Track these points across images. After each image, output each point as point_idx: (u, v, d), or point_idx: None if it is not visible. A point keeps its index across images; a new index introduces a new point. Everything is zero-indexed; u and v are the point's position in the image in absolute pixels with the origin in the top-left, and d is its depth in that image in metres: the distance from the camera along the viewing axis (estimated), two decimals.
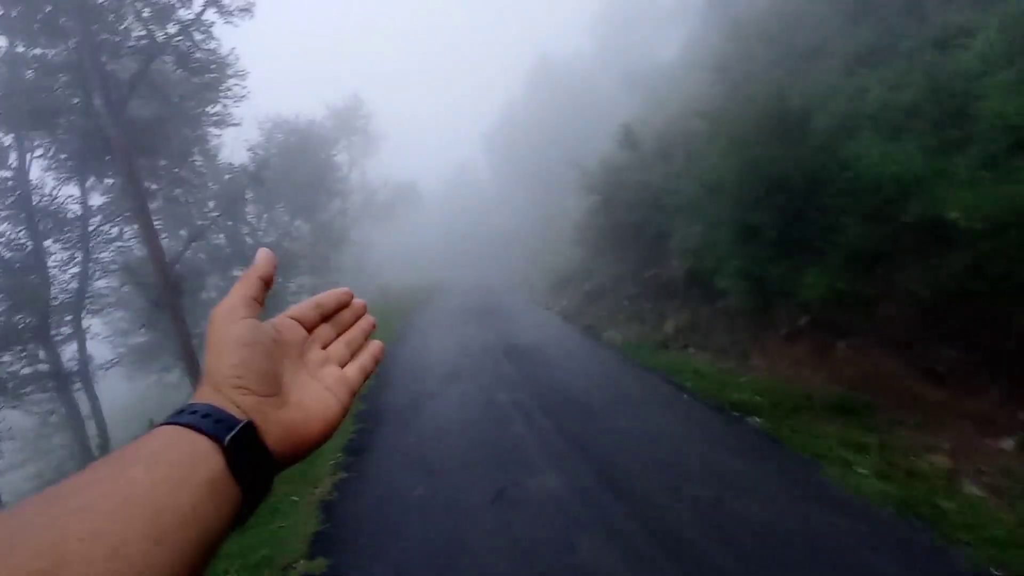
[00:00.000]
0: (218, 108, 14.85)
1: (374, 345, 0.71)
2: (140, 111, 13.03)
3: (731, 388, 8.42)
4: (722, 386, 8.53)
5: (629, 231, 16.43)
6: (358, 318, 0.71)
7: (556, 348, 11.66)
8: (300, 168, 22.97)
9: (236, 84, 14.49)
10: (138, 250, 14.61)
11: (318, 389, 0.58)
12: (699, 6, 34.19)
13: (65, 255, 13.99)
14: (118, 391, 23.79)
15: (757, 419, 7.25)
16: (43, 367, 13.12)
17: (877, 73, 9.98)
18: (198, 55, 12.25)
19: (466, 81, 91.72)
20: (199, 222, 18.18)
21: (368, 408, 8.14)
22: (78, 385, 14.13)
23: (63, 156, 12.68)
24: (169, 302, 8.95)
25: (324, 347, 0.65)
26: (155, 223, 16.04)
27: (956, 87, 7.21)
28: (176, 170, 14.29)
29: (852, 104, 9.70)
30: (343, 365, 0.65)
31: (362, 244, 39.50)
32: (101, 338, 16.54)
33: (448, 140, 78.75)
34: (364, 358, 0.68)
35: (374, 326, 0.72)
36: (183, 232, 17.14)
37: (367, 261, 42.31)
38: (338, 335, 0.68)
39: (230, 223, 21.38)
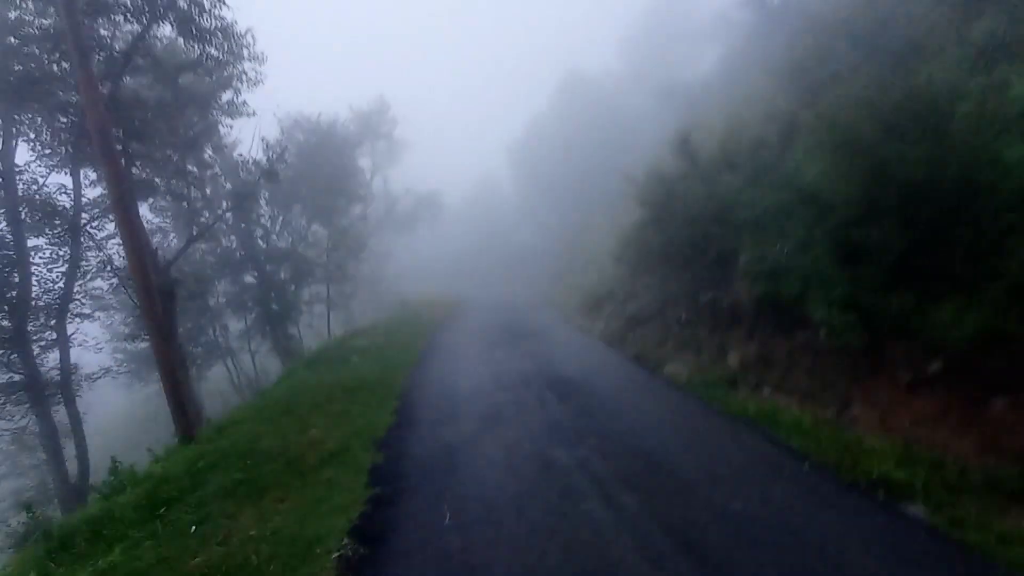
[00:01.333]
0: (229, 95, 13.32)
1: None
2: (141, 91, 11.53)
3: (857, 454, 6.46)
4: (843, 450, 6.57)
5: (683, 249, 14.54)
6: None
7: (609, 383, 9.78)
8: (319, 170, 21.47)
9: (252, 69, 13.00)
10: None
11: None
12: (741, 20, 33.17)
13: (52, 252, 12.42)
14: (115, 401, 22.28)
15: (916, 507, 5.32)
16: (18, 376, 11.52)
17: (1015, 68, 8.11)
18: (204, 22, 10.66)
19: (491, 95, 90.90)
20: (204, 221, 16.60)
21: (387, 461, 6.32)
22: (60, 397, 12.49)
23: (51, 139, 11.17)
24: (149, 308, 7.27)
25: None
26: (157, 220, 14.49)
27: None
28: (176, 159, 12.70)
29: (992, 103, 7.76)
30: None
31: (381, 254, 38.00)
32: (95, 345, 14.92)
33: (472, 153, 77.66)
34: None
35: None
36: (194, 231, 15.65)
37: (386, 272, 40.83)
38: None
39: (242, 224, 19.84)
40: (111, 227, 12.80)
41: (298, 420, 7.89)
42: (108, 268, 13.10)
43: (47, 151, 11.38)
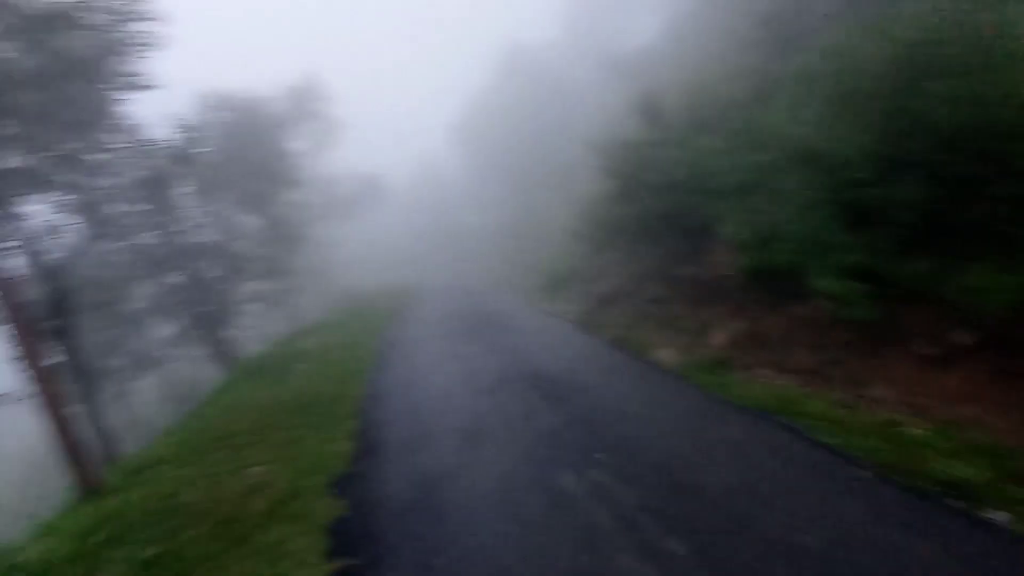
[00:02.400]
0: (119, 63, 11.25)
1: None
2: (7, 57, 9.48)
3: (908, 449, 5.52)
4: (891, 445, 5.63)
5: (655, 221, 13.53)
6: None
7: (596, 377, 8.66)
8: (249, 153, 19.37)
9: (144, 30, 10.97)
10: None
11: None
12: None
13: None
14: (29, 427, 19.82)
15: (1000, 514, 4.42)
16: None
17: None
18: None
19: (430, 70, 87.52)
20: (107, 214, 14.44)
21: (351, 510, 4.95)
22: None
23: None
24: (16, 321, 5.61)
25: None
26: (55, 217, 12.40)
27: None
28: (62, 142, 10.66)
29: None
30: None
31: (325, 243, 35.81)
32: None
33: (413, 133, 74.95)
34: None
35: None
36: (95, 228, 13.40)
37: (331, 262, 38.63)
38: None
39: (161, 217, 17.69)
40: None
41: (234, 454, 6.41)
42: None
43: None
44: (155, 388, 21.94)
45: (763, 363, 9.80)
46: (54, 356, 9.10)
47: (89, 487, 6.19)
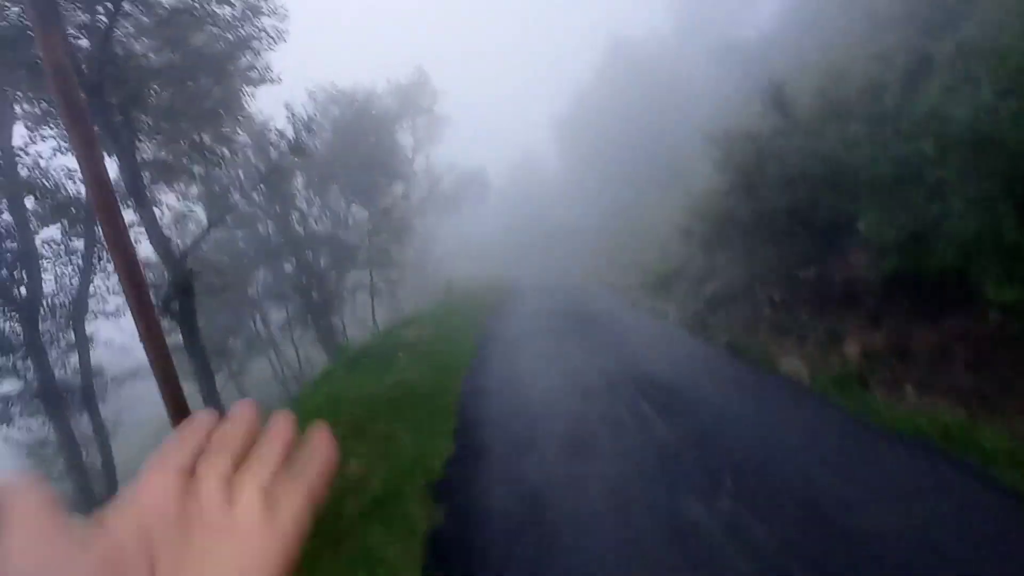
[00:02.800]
0: (249, 59, 11.67)
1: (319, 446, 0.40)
2: (146, 54, 10.02)
3: None
4: None
5: (778, 217, 12.30)
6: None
7: (713, 385, 7.86)
8: (357, 146, 19.88)
9: (273, 26, 11.33)
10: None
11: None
12: None
13: (68, 243, 11.17)
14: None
15: None
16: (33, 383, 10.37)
17: None
18: None
19: (532, 65, 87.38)
20: (230, 204, 15.16)
21: (450, 520, 4.58)
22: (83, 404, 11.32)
23: (42, 111, 9.74)
24: (138, 304, 5.72)
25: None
26: (179, 205, 13.12)
27: None
28: (193, 134, 11.18)
29: None
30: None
31: (425, 236, 36.53)
32: (120, 345, 13.72)
33: (515, 128, 75.18)
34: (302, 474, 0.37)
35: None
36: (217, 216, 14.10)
37: (430, 255, 39.36)
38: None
39: (277, 208, 18.48)
40: (130, 215, 11.39)
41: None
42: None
43: (40, 126, 9.99)
44: (267, 369, 23.12)
45: (909, 381, 8.54)
46: (173, 336, 9.54)
47: None
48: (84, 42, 8.56)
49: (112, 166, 10.39)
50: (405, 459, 5.72)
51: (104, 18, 8.15)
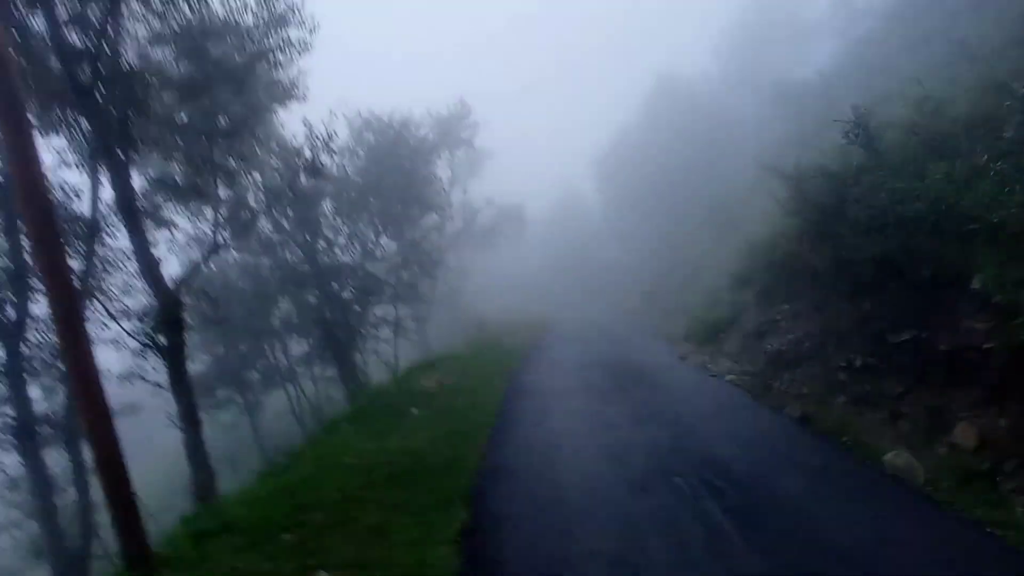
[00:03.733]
0: (272, 74, 10.68)
1: None
2: (162, 66, 9.11)
3: None
4: None
5: (862, 268, 10.50)
6: None
7: (800, 482, 6.12)
8: (391, 175, 18.89)
9: (300, 38, 10.36)
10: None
11: None
12: (869, 8, 29.32)
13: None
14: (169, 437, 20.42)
15: None
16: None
17: None
18: None
19: (576, 102, 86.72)
20: (248, 227, 14.11)
21: None
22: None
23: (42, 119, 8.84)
24: (66, 329, 4.48)
25: None
26: (188, 226, 12.07)
27: None
28: (209, 151, 10.12)
29: None
30: None
31: (459, 271, 35.38)
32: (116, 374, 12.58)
33: (554, 164, 74.37)
34: None
35: None
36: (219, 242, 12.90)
37: (463, 290, 38.15)
38: None
39: (306, 236, 17.51)
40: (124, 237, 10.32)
41: (303, 542, 4.78)
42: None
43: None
44: (284, 401, 21.94)
45: None
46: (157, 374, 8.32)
47: (137, 556, 4.87)
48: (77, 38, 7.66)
49: (107, 182, 9.47)
50: (392, 573, 4.19)
51: (98, 10, 7.24)
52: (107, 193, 9.59)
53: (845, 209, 10.68)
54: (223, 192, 11.90)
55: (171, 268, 13.10)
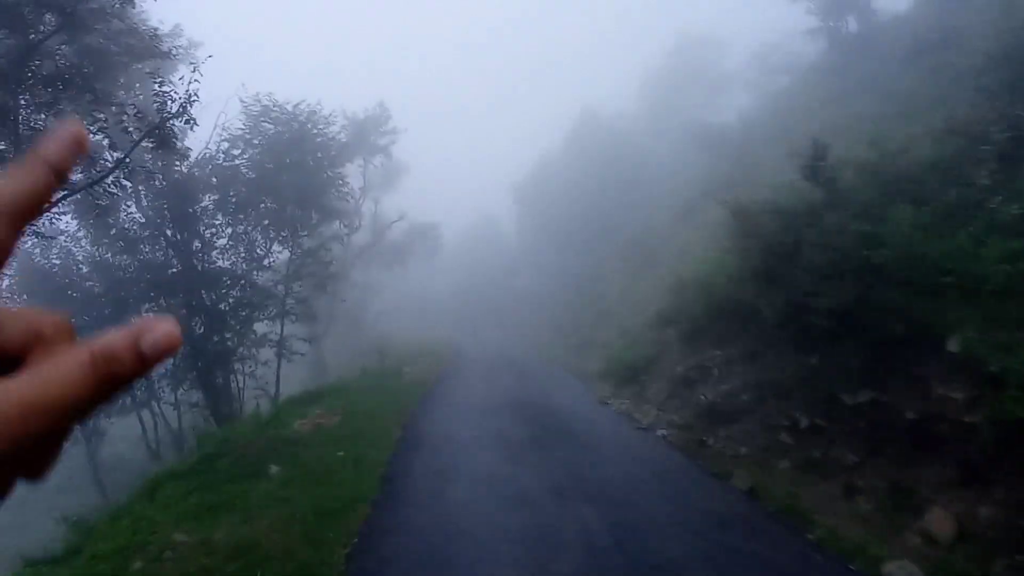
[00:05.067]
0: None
1: None
2: None
3: None
4: None
5: (817, 317, 9.40)
6: None
7: None
8: (289, 174, 16.39)
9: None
10: None
11: None
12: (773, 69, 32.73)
13: None
14: None
15: None
16: None
17: None
18: None
19: (498, 130, 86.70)
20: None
21: None
22: None
23: None
24: None
25: None
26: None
27: None
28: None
29: None
30: None
31: (364, 288, 32.65)
32: None
33: (472, 188, 73.33)
34: None
35: None
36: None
37: (367, 309, 35.34)
38: None
39: (175, 230, 14.70)
40: None
41: None
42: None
43: None
44: (134, 431, 18.43)
45: None
46: None
47: None
48: None
49: None
50: None
51: None
52: None
53: (800, 251, 9.62)
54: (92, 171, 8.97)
55: None
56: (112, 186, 10.43)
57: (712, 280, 14.10)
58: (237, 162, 16.23)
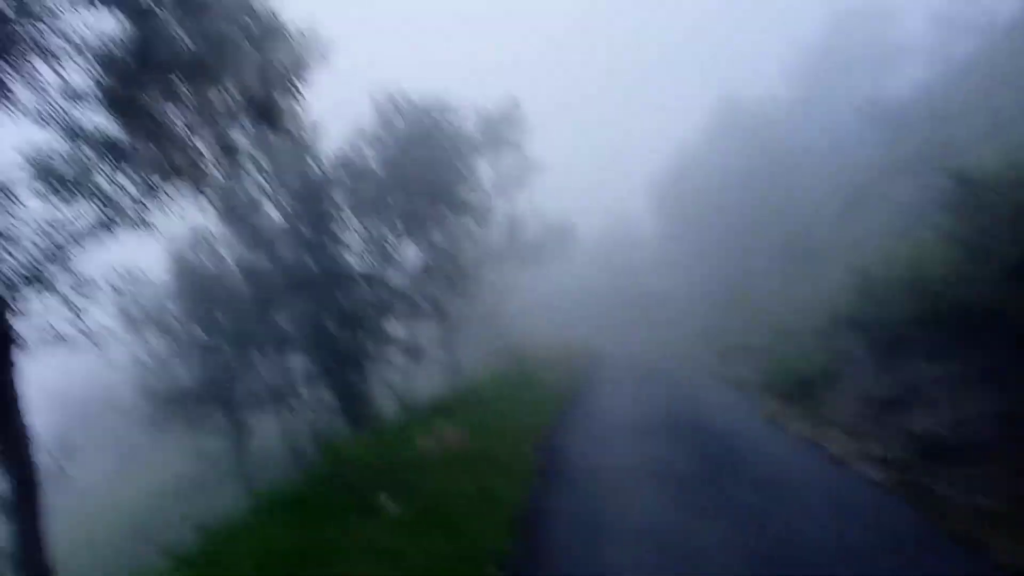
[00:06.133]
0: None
1: None
2: None
3: None
4: None
5: None
6: None
7: None
8: (421, 169, 15.77)
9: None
10: None
11: None
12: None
13: None
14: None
15: None
16: None
17: None
18: None
19: (629, 120, 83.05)
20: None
21: None
22: None
23: None
24: None
25: None
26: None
27: None
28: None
29: None
30: None
31: (499, 289, 32.03)
32: None
33: (604, 184, 71.02)
34: None
35: None
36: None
37: (503, 310, 34.73)
38: None
39: (309, 232, 14.54)
40: None
41: None
42: None
43: None
44: (275, 427, 18.83)
45: None
46: None
47: None
48: None
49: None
50: None
51: None
52: None
53: None
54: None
55: None
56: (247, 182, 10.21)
57: (922, 275, 11.22)
58: (370, 162, 15.89)
